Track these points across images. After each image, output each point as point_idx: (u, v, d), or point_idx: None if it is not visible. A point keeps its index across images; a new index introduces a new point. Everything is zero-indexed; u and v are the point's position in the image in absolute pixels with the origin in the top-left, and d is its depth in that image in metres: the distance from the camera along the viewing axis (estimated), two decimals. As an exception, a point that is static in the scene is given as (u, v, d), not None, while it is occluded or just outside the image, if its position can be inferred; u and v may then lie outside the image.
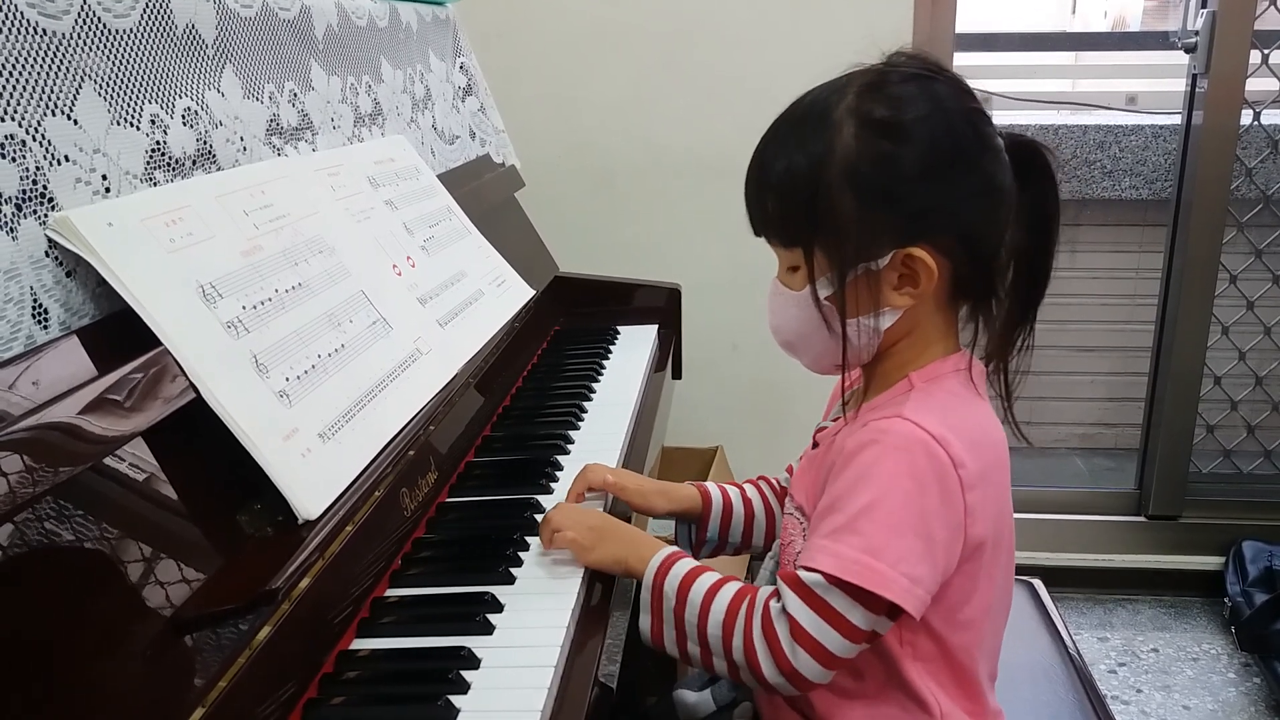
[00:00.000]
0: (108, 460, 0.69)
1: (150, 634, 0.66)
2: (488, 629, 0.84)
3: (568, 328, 1.67)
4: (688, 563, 0.90)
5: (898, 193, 0.81)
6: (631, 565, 0.91)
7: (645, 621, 0.90)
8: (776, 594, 0.83)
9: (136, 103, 0.87)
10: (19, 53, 0.74)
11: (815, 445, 0.96)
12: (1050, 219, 0.87)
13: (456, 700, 0.74)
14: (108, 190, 0.82)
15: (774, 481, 1.12)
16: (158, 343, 0.76)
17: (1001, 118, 2.70)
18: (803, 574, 0.81)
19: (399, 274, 1.15)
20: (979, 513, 0.82)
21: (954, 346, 0.90)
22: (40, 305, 0.73)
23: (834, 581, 0.79)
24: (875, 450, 0.81)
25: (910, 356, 0.88)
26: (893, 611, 0.81)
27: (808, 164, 0.83)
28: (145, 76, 0.89)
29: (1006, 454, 0.87)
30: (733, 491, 1.11)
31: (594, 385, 1.41)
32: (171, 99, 0.92)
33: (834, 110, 0.83)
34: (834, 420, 0.96)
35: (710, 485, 1.11)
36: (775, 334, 0.92)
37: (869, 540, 0.79)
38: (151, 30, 0.91)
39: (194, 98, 0.96)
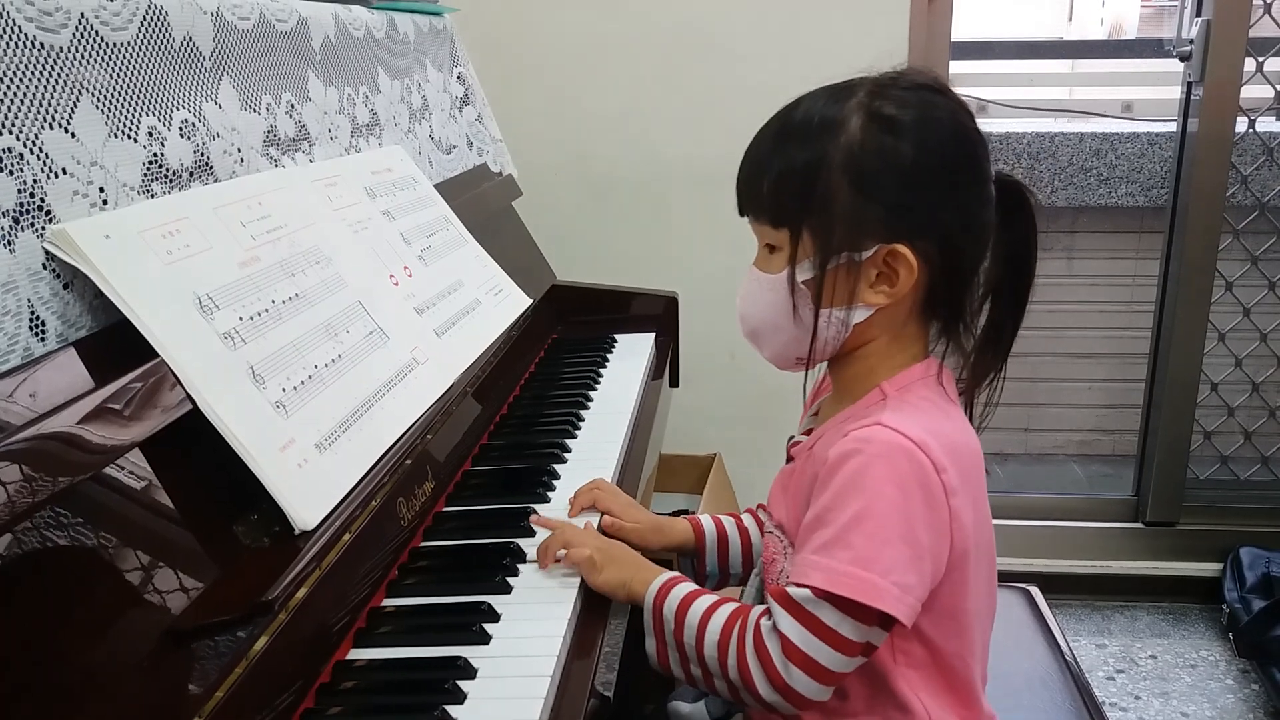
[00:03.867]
0: (105, 471, 0.69)
1: (147, 644, 0.66)
2: (484, 639, 0.84)
3: (565, 336, 1.68)
4: (686, 586, 0.90)
5: (892, 187, 0.83)
6: (634, 589, 0.92)
7: (651, 645, 0.91)
8: (768, 612, 0.83)
9: (134, 115, 0.88)
10: (17, 66, 0.75)
11: (790, 459, 0.96)
12: (1028, 259, 0.90)
13: (453, 710, 0.75)
14: (105, 203, 0.82)
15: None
16: (155, 354, 0.76)
17: (998, 125, 2.73)
18: (792, 590, 0.81)
19: (396, 284, 1.15)
20: (963, 518, 0.82)
21: (922, 355, 0.91)
22: (38, 318, 0.73)
23: (823, 595, 0.79)
24: (858, 460, 0.81)
25: (877, 363, 0.89)
26: (885, 622, 0.81)
27: (810, 148, 0.85)
28: (143, 89, 0.89)
29: (981, 459, 0.88)
30: (728, 522, 1.11)
31: (591, 394, 1.41)
32: (169, 111, 0.93)
33: (844, 106, 0.85)
34: (805, 433, 0.97)
35: (704, 518, 1.11)
36: (742, 321, 0.93)
37: (858, 552, 0.79)
38: (149, 43, 0.91)
39: (191, 110, 0.96)
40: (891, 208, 0.83)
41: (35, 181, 0.75)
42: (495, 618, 0.87)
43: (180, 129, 0.94)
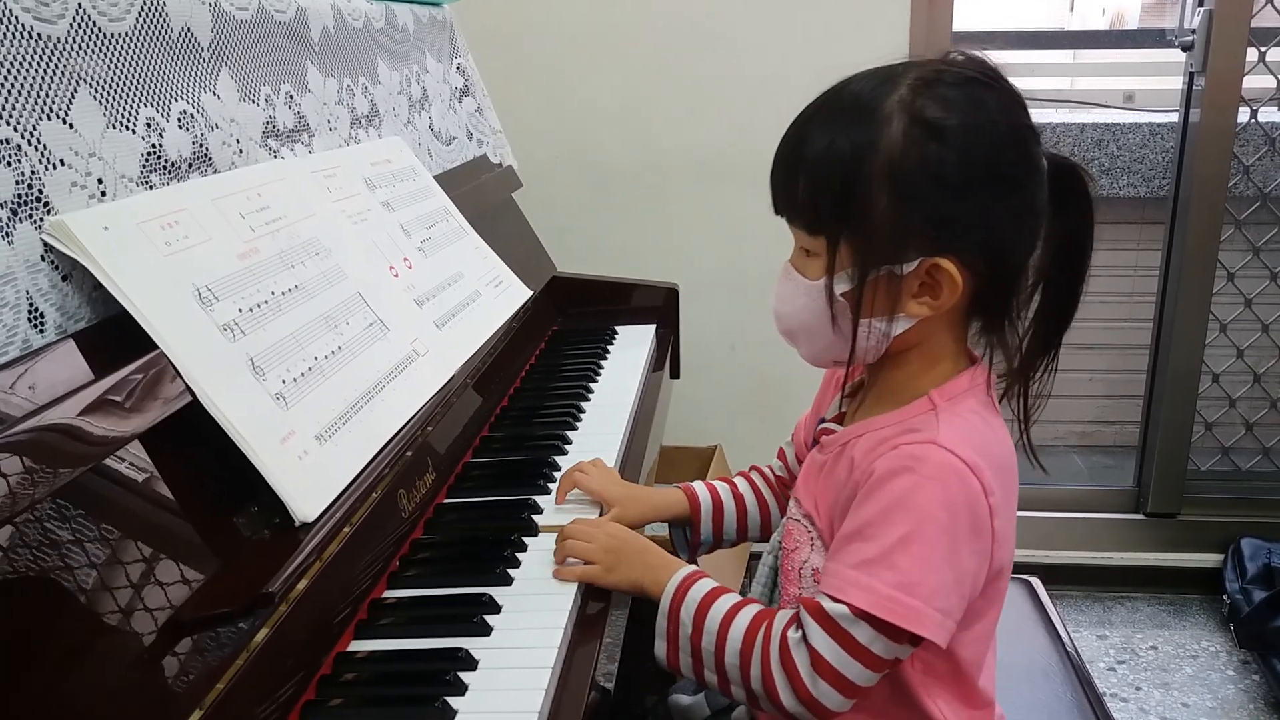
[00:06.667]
0: (104, 463, 0.69)
1: (148, 636, 0.66)
2: (485, 630, 0.84)
3: (565, 328, 1.68)
4: (704, 585, 0.88)
5: (936, 198, 0.78)
6: (648, 589, 0.91)
7: (660, 647, 0.89)
8: (794, 621, 0.82)
9: (132, 106, 0.87)
10: (14, 57, 0.74)
11: (816, 443, 0.93)
12: (1083, 247, 0.84)
13: (454, 702, 0.75)
14: (103, 194, 0.82)
15: (766, 471, 1.11)
16: (154, 346, 0.76)
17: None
18: (827, 605, 0.80)
19: (396, 275, 1.15)
20: (1003, 536, 0.81)
21: (966, 361, 0.87)
22: (36, 309, 0.73)
23: (861, 615, 0.78)
24: (909, 480, 0.78)
25: (920, 369, 0.86)
26: (915, 638, 0.79)
27: (849, 151, 0.79)
28: (141, 80, 0.89)
29: (1016, 471, 0.86)
30: (722, 488, 1.10)
31: (592, 385, 1.41)
32: (167, 102, 0.92)
33: (885, 101, 0.79)
34: (835, 418, 0.95)
35: (698, 485, 1.10)
36: (777, 320, 0.89)
37: (904, 576, 0.77)
38: (147, 34, 0.91)
39: (190, 101, 0.96)
40: (935, 220, 0.78)
41: (33, 173, 0.75)
42: (496, 609, 0.87)
43: (179, 120, 0.94)
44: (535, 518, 1.03)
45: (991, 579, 0.83)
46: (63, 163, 0.78)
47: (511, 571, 0.93)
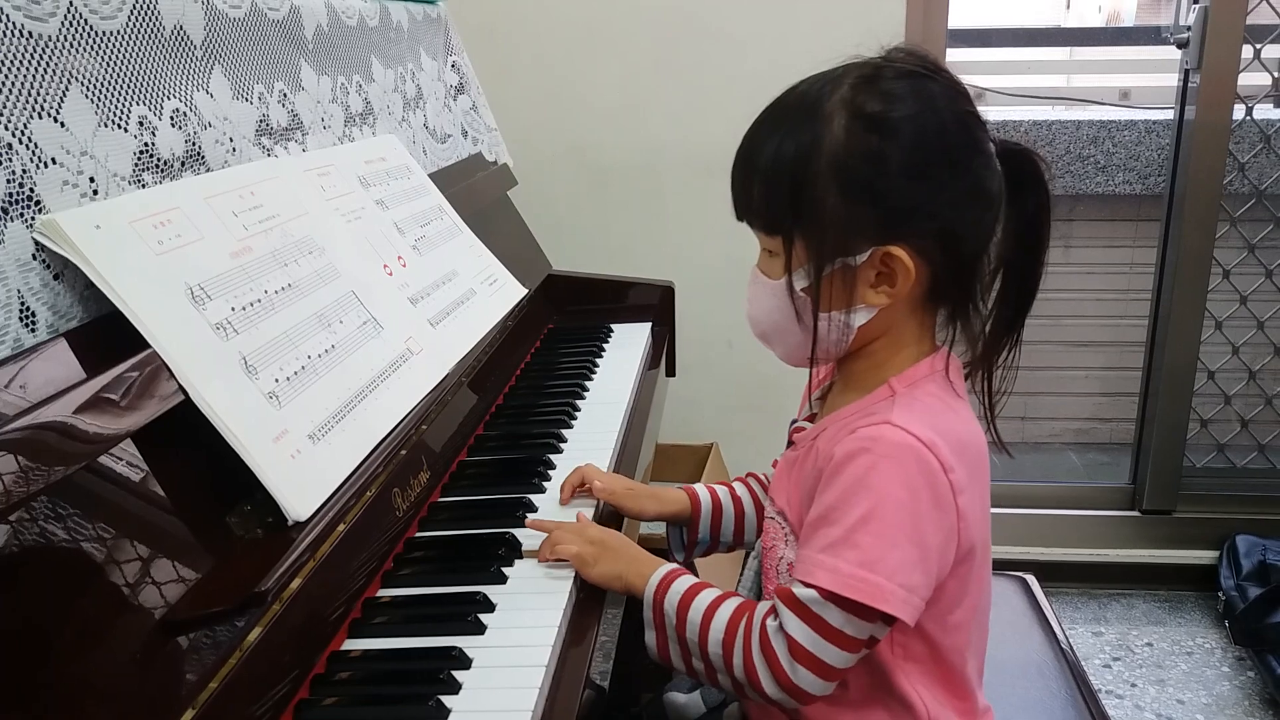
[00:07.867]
0: (97, 462, 0.69)
1: (140, 635, 0.66)
2: (479, 629, 0.84)
3: (561, 326, 1.67)
4: (686, 580, 0.89)
5: (882, 189, 0.80)
6: (631, 582, 0.91)
7: (651, 638, 0.90)
8: (773, 611, 0.83)
9: (124, 104, 0.87)
10: (4, 55, 0.74)
11: (791, 444, 0.95)
12: (1040, 229, 0.86)
13: (448, 700, 0.75)
14: (95, 193, 0.82)
15: (762, 478, 1.12)
16: (147, 345, 0.76)
17: (995, 114, 2.72)
18: (798, 590, 0.81)
19: (390, 274, 1.15)
20: (970, 516, 0.82)
21: (930, 348, 0.89)
22: (27, 308, 0.73)
23: (829, 597, 0.79)
24: (866, 459, 0.80)
25: (885, 358, 0.88)
26: (888, 618, 0.80)
27: (795, 152, 0.82)
28: (133, 78, 0.89)
29: (986, 454, 0.87)
30: (722, 491, 1.11)
31: (587, 383, 1.41)
32: (159, 100, 0.92)
33: (827, 100, 0.82)
34: (807, 418, 0.96)
35: (699, 487, 1.11)
36: (752, 324, 0.92)
37: (865, 554, 0.78)
38: (139, 32, 0.91)
39: (182, 99, 0.96)
40: (883, 210, 0.81)
41: (24, 171, 0.74)
42: (490, 608, 0.87)
43: (171, 118, 0.93)
44: (530, 516, 1.03)
45: (961, 559, 0.83)
46: (54, 161, 0.77)
47: (506, 570, 0.93)
